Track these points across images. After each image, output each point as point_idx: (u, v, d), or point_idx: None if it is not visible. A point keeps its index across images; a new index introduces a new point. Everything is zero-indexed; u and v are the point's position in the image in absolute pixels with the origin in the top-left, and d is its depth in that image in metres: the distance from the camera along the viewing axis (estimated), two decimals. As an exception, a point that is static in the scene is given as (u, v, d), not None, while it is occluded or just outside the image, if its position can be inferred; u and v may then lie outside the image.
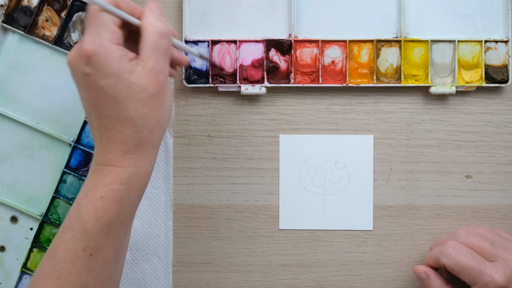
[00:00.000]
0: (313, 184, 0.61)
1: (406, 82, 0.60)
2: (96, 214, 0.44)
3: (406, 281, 0.61)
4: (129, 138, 0.45)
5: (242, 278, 0.61)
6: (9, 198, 0.60)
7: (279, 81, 0.60)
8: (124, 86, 0.44)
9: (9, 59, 0.60)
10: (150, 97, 0.44)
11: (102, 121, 0.45)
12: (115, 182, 0.45)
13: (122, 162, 0.45)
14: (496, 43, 0.60)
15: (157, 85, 0.45)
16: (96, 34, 0.44)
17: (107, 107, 0.44)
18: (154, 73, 0.45)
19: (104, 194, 0.44)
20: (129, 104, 0.44)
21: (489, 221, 0.61)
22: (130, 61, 0.44)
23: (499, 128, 0.61)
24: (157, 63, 0.45)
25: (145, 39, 0.45)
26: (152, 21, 0.45)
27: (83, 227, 0.44)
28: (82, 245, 0.44)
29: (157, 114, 0.45)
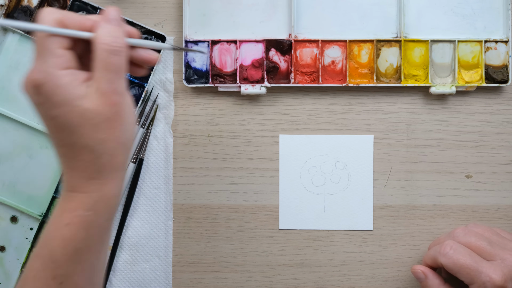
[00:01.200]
0: (313, 184, 0.61)
1: (406, 82, 0.60)
2: (63, 242, 0.42)
3: (406, 281, 0.61)
4: (89, 164, 0.42)
5: (242, 278, 0.61)
6: (9, 198, 0.60)
7: (279, 81, 0.60)
8: (76, 113, 0.41)
9: (9, 59, 0.60)
10: (106, 121, 0.42)
11: (60, 150, 0.43)
12: (80, 208, 0.42)
13: (86, 188, 0.43)
14: (496, 43, 0.60)
15: (112, 107, 0.42)
16: (43, 62, 0.41)
17: (63, 137, 0.42)
18: (108, 95, 0.41)
19: (70, 221, 0.42)
20: (83, 132, 0.41)
21: (489, 221, 0.61)
22: (82, 83, 0.41)
23: (499, 128, 0.61)
24: (110, 84, 0.41)
25: (96, 57, 0.42)
26: (101, 37, 0.42)
27: (51, 255, 0.42)
28: (52, 274, 0.42)
29: (116, 137, 0.42)
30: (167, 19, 0.61)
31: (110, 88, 0.42)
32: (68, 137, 0.42)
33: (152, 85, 0.61)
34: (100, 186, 0.43)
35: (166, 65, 0.60)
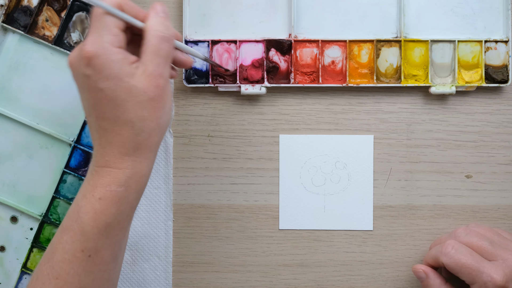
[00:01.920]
0: (313, 184, 0.61)
1: (406, 82, 0.60)
2: (95, 215, 0.44)
3: (406, 281, 0.61)
4: (127, 140, 0.45)
5: (242, 278, 0.61)
6: (9, 198, 0.60)
7: (279, 81, 0.60)
8: (124, 89, 0.44)
9: (9, 59, 0.60)
10: (149, 101, 0.45)
11: (101, 123, 0.45)
12: (113, 184, 0.45)
13: (121, 164, 0.45)
14: (496, 43, 0.60)
15: (157, 89, 0.45)
16: (98, 37, 0.44)
17: (107, 109, 0.44)
18: (155, 77, 0.45)
19: (102, 195, 0.45)
20: (128, 107, 0.44)
21: (489, 221, 0.61)
22: (131, 64, 0.45)
23: (499, 128, 0.61)
24: (157, 67, 0.45)
25: (147, 43, 0.45)
26: (154, 25, 0.46)
27: (82, 228, 0.45)
28: (81, 246, 0.44)
29: (156, 117, 0.45)
30: (167, 19, 0.61)
31: (157, 71, 0.45)
32: (112, 111, 0.44)
33: (152, 85, 0.60)
34: (134, 164, 0.45)
35: (166, 65, 0.60)
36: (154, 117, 0.45)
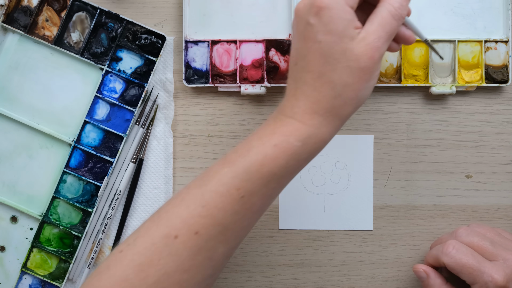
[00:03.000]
0: (313, 184, 0.61)
1: (406, 82, 0.60)
2: (264, 159, 0.44)
3: (406, 281, 0.61)
4: (323, 99, 0.44)
5: (242, 278, 0.61)
6: (9, 198, 0.60)
7: (279, 81, 0.60)
8: (340, 48, 0.43)
9: (9, 59, 0.60)
10: (359, 69, 0.44)
11: (304, 74, 0.45)
12: (293, 135, 0.44)
13: (307, 119, 0.44)
14: (496, 43, 0.60)
15: (370, 60, 0.44)
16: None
17: (315, 63, 0.44)
18: (372, 48, 0.44)
19: (278, 143, 0.44)
20: (337, 67, 0.44)
21: (489, 221, 0.61)
22: (355, 29, 0.44)
23: (499, 128, 0.61)
24: (378, 40, 0.44)
25: (377, 13, 0.45)
26: None
27: (247, 167, 0.44)
28: (238, 184, 0.44)
29: (358, 88, 0.44)
30: (167, 19, 0.61)
31: (377, 43, 0.44)
32: (321, 65, 0.44)
33: (152, 85, 0.61)
34: (319, 124, 0.45)
35: (166, 65, 0.60)
36: (357, 87, 0.44)
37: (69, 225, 0.60)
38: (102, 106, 0.60)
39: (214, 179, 0.44)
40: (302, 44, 0.45)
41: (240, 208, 0.44)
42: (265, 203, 0.45)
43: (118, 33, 0.59)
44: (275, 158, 0.44)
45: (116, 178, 0.60)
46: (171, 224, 0.43)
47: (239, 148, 0.45)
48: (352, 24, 0.44)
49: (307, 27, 0.44)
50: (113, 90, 0.60)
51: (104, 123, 0.60)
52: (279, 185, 0.45)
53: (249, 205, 0.44)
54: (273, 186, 0.45)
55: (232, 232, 0.44)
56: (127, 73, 0.60)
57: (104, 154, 0.60)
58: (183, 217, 0.44)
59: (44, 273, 0.60)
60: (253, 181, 0.44)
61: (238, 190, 0.44)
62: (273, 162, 0.44)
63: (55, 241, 0.60)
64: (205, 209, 0.43)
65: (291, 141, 0.44)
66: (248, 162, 0.44)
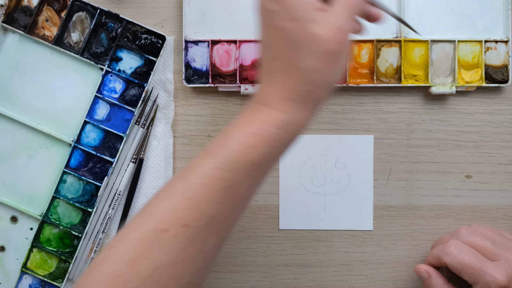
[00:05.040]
0: (313, 184, 0.61)
1: (406, 82, 0.60)
2: (245, 149, 0.43)
3: (406, 281, 0.61)
4: (295, 86, 0.44)
5: (242, 278, 0.61)
6: (9, 198, 0.60)
7: (279, 81, 0.60)
8: (305, 34, 0.43)
9: (9, 59, 0.60)
10: (327, 53, 0.43)
11: (274, 62, 0.44)
12: (271, 123, 0.44)
13: (282, 107, 0.44)
14: (496, 43, 0.60)
15: (337, 43, 0.43)
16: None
17: (282, 50, 0.44)
18: (337, 31, 0.43)
19: (257, 132, 0.44)
20: (304, 53, 0.43)
21: (489, 221, 0.61)
22: (317, 11, 0.43)
23: (499, 128, 0.61)
24: (342, 21, 0.43)
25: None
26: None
27: (228, 158, 0.43)
28: (222, 175, 0.43)
29: (328, 72, 0.44)
30: (167, 19, 0.61)
31: (341, 25, 0.43)
32: (288, 52, 0.43)
33: (152, 85, 0.61)
34: (295, 111, 0.44)
35: (166, 65, 0.60)
36: (327, 71, 0.44)
37: (69, 225, 0.60)
38: (102, 106, 0.60)
39: (197, 172, 0.44)
40: (268, 32, 0.44)
41: (226, 199, 0.44)
42: (251, 191, 0.45)
43: (118, 33, 0.59)
44: (255, 147, 0.44)
45: (116, 178, 0.60)
46: (159, 218, 0.43)
47: (218, 139, 0.45)
48: (314, 7, 0.43)
49: (270, 14, 0.44)
50: (113, 90, 0.60)
51: (104, 123, 0.60)
52: (262, 173, 0.45)
53: (234, 195, 0.44)
54: (257, 174, 0.45)
55: (220, 223, 0.44)
56: (127, 73, 0.60)
57: (104, 154, 0.60)
58: (170, 211, 0.43)
59: (44, 273, 0.60)
60: (236, 171, 0.44)
61: (222, 181, 0.43)
62: (254, 151, 0.44)
63: (55, 241, 0.60)
64: (191, 202, 0.43)
65: (270, 129, 0.44)
66: (228, 152, 0.44)
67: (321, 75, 0.44)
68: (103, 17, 0.59)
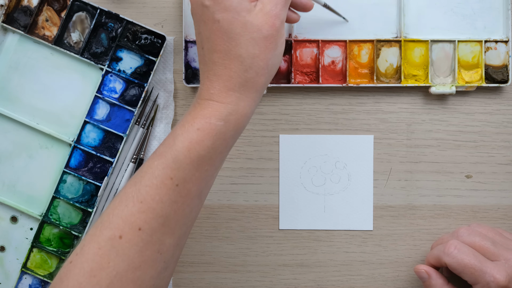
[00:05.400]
0: (313, 184, 0.61)
1: (406, 82, 0.60)
2: (190, 145, 0.45)
3: (406, 281, 0.61)
4: (235, 75, 0.45)
5: (242, 278, 0.61)
6: (9, 198, 0.60)
7: (279, 81, 0.60)
8: (240, 22, 0.45)
9: (9, 59, 0.60)
10: (262, 39, 0.45)
11: (212, 55, 0.46)
12: (213, 116, 0.45)
13: (224, 98, 0.46)
14: (496, 43, 0.60)
15: (272, 28, 0.45)
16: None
17: (220, 42, 0.45)
18: (271, 16, 0.45)
19: (201, 126, 0.45)
20: (241, 41, 0.45)
21: (489, 221, 0.61)
22: (250, 1, 0.45)
23: (499, 128, 0.61)
24: (275, 7, 0.45)
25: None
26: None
27: (175, 156, 0.45)
28: (170, 174, 0.45)
29: (266, 57, 0.46)
30: (167, 19, 0.61)
31: (274, 11, 0.45)
32: (225, 43, 0.45)
33: (152, 85, 0.61)
34: (237, 100, 0.46)
35: (166, 65, 0.60)
36: (265, 57, 0.46)
37: (69, 225, 0.60)
38: (102, 106, 0.60)
39: (147, 174, 0.45)
40: (203, 27, 0.46)
41: (177, 197, 0.45)
42: (202, 186, 0.46)
43: (118, 33, 0.59)
44: (200, 141, 0.45)
45: (116, 178, 0.60)
46: (113, 226, 0.44)
47: (165, 140, 0.46)
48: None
49: (203, 9, 0.45)
50: (113, 90, 0.60)
51: (104, 123, 0.60)
52: (211, 166, 0.46)
53: (186, 192, 0.45)
54: (206, 168, 0.45)
55: (175, 222, 0.45)
56: (127, 73, 0.60)
57: (104, 154, 0.60)
58: (123, 216, 0.44)
59: (44, 273, 0.60)
60: (184, 167, 0.45)
61: (171, 180, 0.44)
62: (199, 145, 0.45)
63: (55, 241, 0.60)
64: (143, 204, 0.44)
65: (213, 121, 0.45)
66: (176, 151, 0.45)
67: (259, 60, 0.45)
68: (103, 17, 0.59)
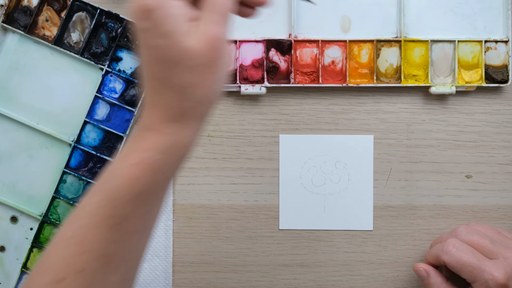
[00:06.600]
0: (313, 184, 0.61)
1: (406, 82, 0.60)
2: (129, 181, 0.41)
3: (406, 281, 0.61)
4: (174, 105, 0.41)
5: (242, 278, 0.61)
6: (9, 198, 0.60)
7: (279, 81, 0.60)
8: (177, 49, 0.40)
9: (9, 59, 0.60)
10: (202, 66, 0.41)
11: (151, 83, 0.42)
12: (152, 149, 0.41)
13: (163, 129, 0.42)
14: (496, 43, 0.60)
15: (212, 51, 0.41)
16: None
17: (157, 69, 0.41)
18: (210, 38, 0.40)
19: (140, 161, 0.41)
20: (178, 70, 0.41)
21: (489, 221, 0.61)
22: (189, 21, 0.41)
23: (499, 128, 0.61)
24: (214, 26, 0.41)
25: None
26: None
27: (113, 193, 0.41)
28: (110, 213, 0.41)
29: (206, 85, 0.41)
30: (167, 19, 0.61)
31: (214, 31, 0.41)
32: (162, 71, 0.41)
33: (152, 85, 0.60)
34: (177, 131, 0.42)
35: (166, 65, 0.60)
36: (205, 85, 0.41)
37: (69, 225, 0.60)
38: (102, 106, 0.60)
39: (85, 212, 0.42)
40: (142, 52, 0.42)
41: (118, 235, 0.42)
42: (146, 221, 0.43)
43: (118, 33, 0.59)
44: (140, 176, 0.41)
45: (116, 178, 0.60)
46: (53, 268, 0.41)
47: (104, 174, 0.43)
48: (183, 18, 0.40)
49: (143, 33, 0.41)
50: (113, 90, 0.60)
51: (104, 123, 0.60)
52: (153, 200, 0.43)
53: (128, 229, 0.42)
54: (147, 203, 0.42)
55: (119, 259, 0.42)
56: (127, 73, 0.60)
57: (104, 154, 0.60)
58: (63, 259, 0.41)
59: (44, 273, 0.60)
60: (123, 205, 0.41)
61: (111, 218, 0.41)
62: (139, 181, 0.41)
63: (55, 241, 0.60)
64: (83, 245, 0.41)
65: (152, 155, 0.41)
66: (115, 187, 0.41)
67: (199, 89, 0.41)
68: (103, 17, 0.59)
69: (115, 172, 0.42)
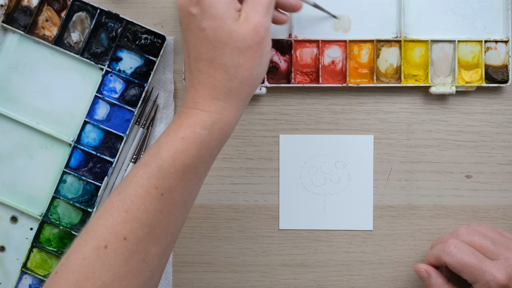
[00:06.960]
0: (313, 184, 0.61)
1: (406, 82, 0.60)
2: (175, 154, 0.45)
3: (406, 281, 0.61)
4: (219, 84, 0.45)
5: (242, 278, 0.61)
6: (9, 198, 0.60)
7: (279, 81, 0.60)
8: (225, 31, 0.45)
9: (9, 59, 0.60)
10: (247, 48, 0.45)
11: (197, 64, 0.46)
12: (198, 125, 0.45)
13: (209, 107, 0.46)
14: (496, 43, 0.60)
15: (257, 37, 0.45)
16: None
17: (205, 50, 0.45)
18: (254, 25, 0.45)
19: (185, 135, 0.45)
20: (226, 50, 0.45)
21: (489, 221, 0.61)
22: (236, 11, 0.46)
23: (499, 128, 0.61)
24: (258, 15, 0.45)
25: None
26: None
27: (160, 165, 0.45)
28: (155, 183, 0.44)
29: (251, 66, 0.46)
30: (167, 19, 0.61)
31: (258, 19, 0.45)
32: (210, 52, 0.45)
33: (152, 85, 0.61)
34: (221, 109, 0.46)
35: (166, 65, 0.61)
36: (249, 66, 0.46)
37: (69, 225, 0.60)
38: (102, 106, 0.60)
39: (132, 183, 0.45)
40: (190, 35, 0.46)
41: (162, 206, 0.45)
42: (187, 196, 0.46)
43: (118, 33, 0.59)
44: (185, 150, 0.45)
45: (116, 178, 0.60)
46: (98, 236, 0.44)
47: (151, 149, 0.46)
48: (232, 6, 0.45)
49: (190, 18, 0.46)
50: (113, 90, 0.60)
51: (104, 123, 0.60)
52: (196, 175, 0.46)
53: (171, 201, 0.45)
54: (190, 177, 0.46)
55: (160, 231, 0.45)
56: (127, 73, 0.60)
57: (104, 154, 0.60)
58: (109, 226, 0.44)
59: (44, 273, 0.60)
60: (169, 176, 0.45)
61: (157, 189, 0.44)
62: (184, 154, 0.45)
63: (55, 241, 0.60)
64: (128, 214, 0.44)
65: (197, 130, 0.45)
66: (161, 160, 0.45)
67: (244, 70, 0.45)
68: (103, 17, 0.59)
69: (162, 147, 0.45)
